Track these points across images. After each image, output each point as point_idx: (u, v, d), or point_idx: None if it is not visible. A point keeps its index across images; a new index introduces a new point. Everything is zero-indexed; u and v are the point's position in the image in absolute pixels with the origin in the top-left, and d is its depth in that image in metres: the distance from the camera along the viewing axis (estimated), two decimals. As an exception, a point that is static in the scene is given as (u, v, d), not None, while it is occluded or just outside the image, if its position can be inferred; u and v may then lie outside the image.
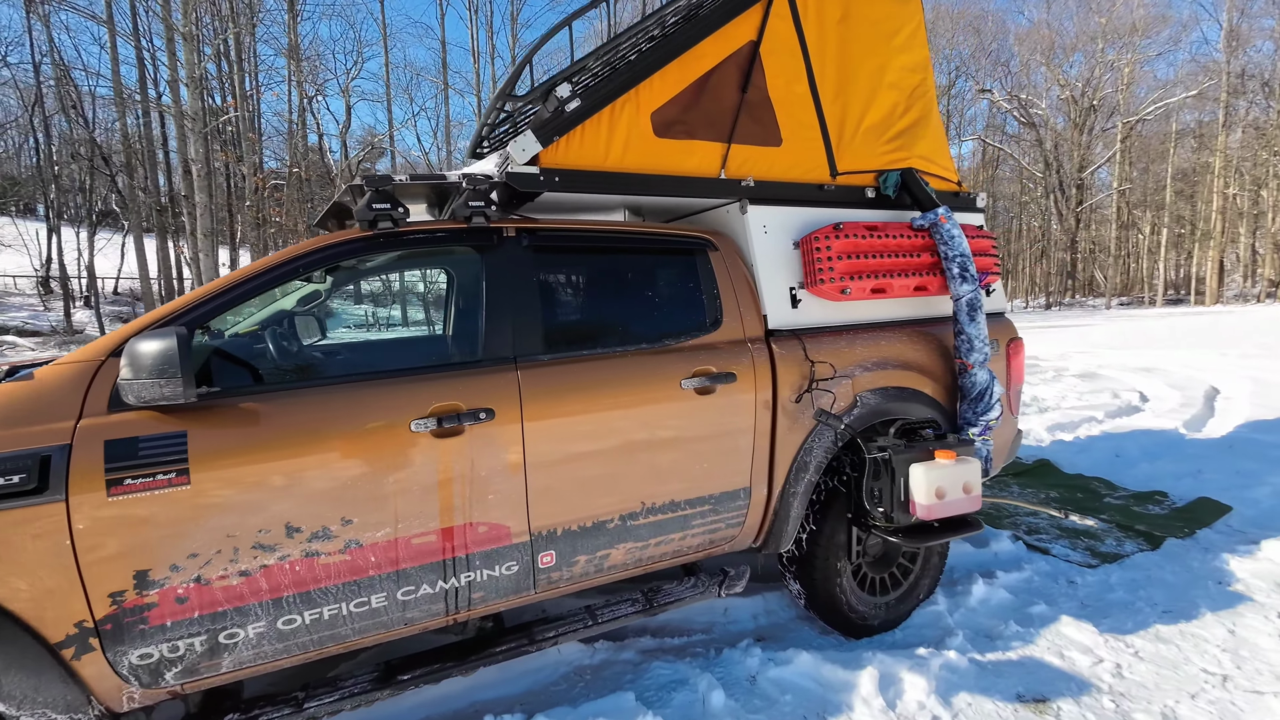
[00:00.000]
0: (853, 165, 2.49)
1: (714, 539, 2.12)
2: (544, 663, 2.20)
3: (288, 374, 1.92)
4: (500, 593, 1.79)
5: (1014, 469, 4.35)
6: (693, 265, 2.19)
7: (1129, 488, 3.93)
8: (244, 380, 1.67)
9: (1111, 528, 3.34)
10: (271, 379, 1.74)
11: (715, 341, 2.11)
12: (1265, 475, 3.91)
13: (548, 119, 1.94)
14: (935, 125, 2.69)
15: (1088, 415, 5.77)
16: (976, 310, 2.44)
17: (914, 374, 2.45)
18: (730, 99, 2.25)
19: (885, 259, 2.37)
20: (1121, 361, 9.39)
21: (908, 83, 2.59)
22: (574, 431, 1.82)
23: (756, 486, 2.15)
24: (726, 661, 2.17)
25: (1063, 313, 31.12)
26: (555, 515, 1.82)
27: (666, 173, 2.16)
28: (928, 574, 2.52)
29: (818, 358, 2.25)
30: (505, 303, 1.83)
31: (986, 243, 2.67)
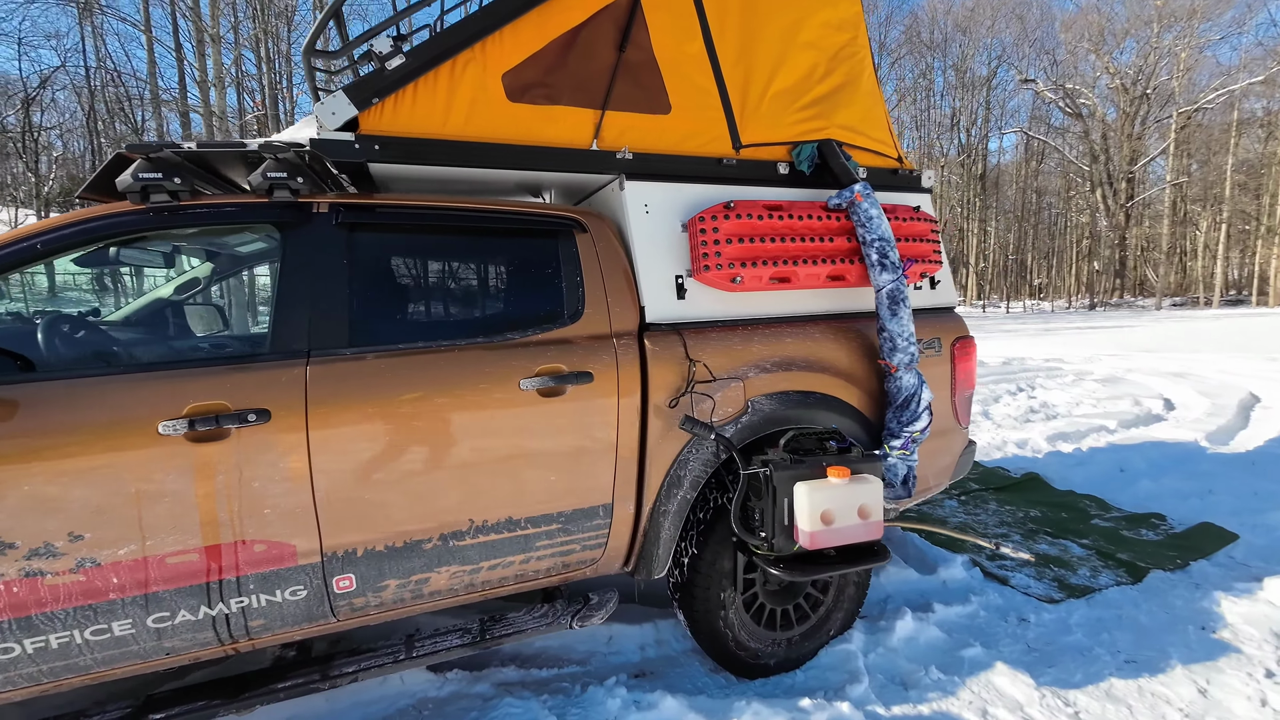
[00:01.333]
0: (760, 136, 2.17)
1: (568, 562, 1.85)
2: (384, 693, 1.97)
3: (45, 365, 1.69)
4: (288, 621, 1.56)
5: (996, 483, 3.92)
6: (553, 249, 1.92)
7: (1124, 508, 3.47)
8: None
9: (1090, 555, 2.92)
10: (24, 370, 1.52)
11: (572, 336, 1.84)
12: None
13: (364, 78, 1.69)
14: (867, 91, 2.34)
15: (1098, 424, 5.25)
16: (899, 303, 2.10)
17: (826, 377, 2.13)
18: (605, 59, 1.97)
19: (790, 243, 2.05)
20: (1153, 366, 8.66)
21: (830, 42, 2.25)
22: (376, 438, 1.57)
23: (621, 503, 1.87)
24: (588, 702, 1.90)
25: (1108, 314, 29.44)
26: (354, 534, 1.58)
27: (523, 142, 1.89)
28: (841, 607, 2.19)
29: (700, 356, 1.95)
30: (303, 288, 1.60)
31: (924, 226, 2.31)
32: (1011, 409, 6.09)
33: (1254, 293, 32.64)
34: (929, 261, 2.31)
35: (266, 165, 1.60)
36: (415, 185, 2.13)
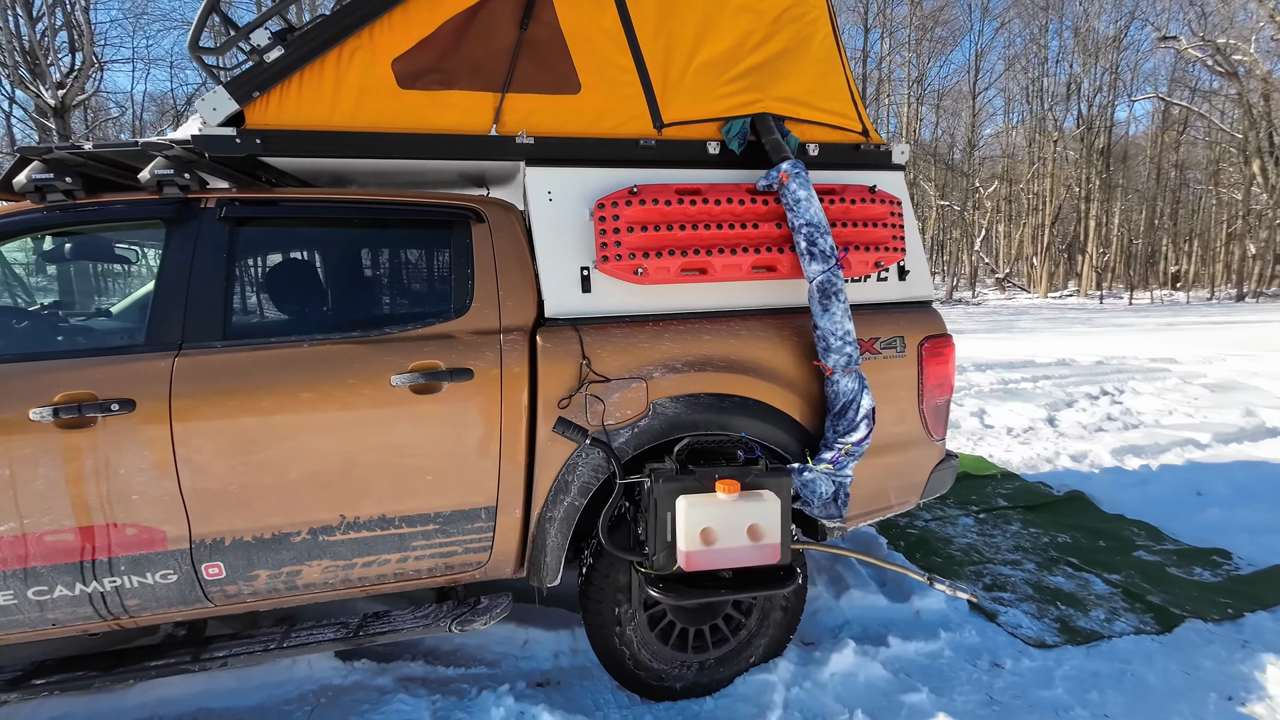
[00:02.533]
0: (684, 113, 1.97)
1: (452, 564, 1.80)
2: (292, 675, 2.02)
3: None
4: (162, 602, 1.62)
5: (1029, 500, 3.44)
6: (445, 241, 1.85)
7: (1181, 540, 2.92)
8: None
9: (1115, 594, 2.48)
10: None
11: (454, 331, 1.77)
12: None
13: (244, 73, 1.70)
14: (819, 57, 2.06)
15: (1185, 438, 4.47)
16: (831, 297, 1.84)
17: (752, 379, 1.92)
18: (505, 38, 1.86)
19: (705, 230, 1.86)
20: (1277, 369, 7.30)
21: (769, 4, 2.00)
22: (240, 432, 1.59)
23: (506, 507, 1.79)
24: (476, 708, 1.85)
25: (1260, 306, 25.29)
26: (220, 523, 1.61)
27: (417, 130, 1.83)
28: (765, 633, 1.98)
29: (600, 354, 1.81)
30: (179, 282, 1.64)
31: (881, 209, 2.02)
32: (1084, 416, 5.35)
33: None
34: (886, 249, 2.02)
35: (155, 163, 1.64)
36: (344, 179, 2.14)
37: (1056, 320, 19.20)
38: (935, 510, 3.38)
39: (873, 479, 2.12)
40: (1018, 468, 4.11)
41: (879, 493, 2.15)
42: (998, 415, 5.48)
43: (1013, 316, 20.66)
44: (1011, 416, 5.40)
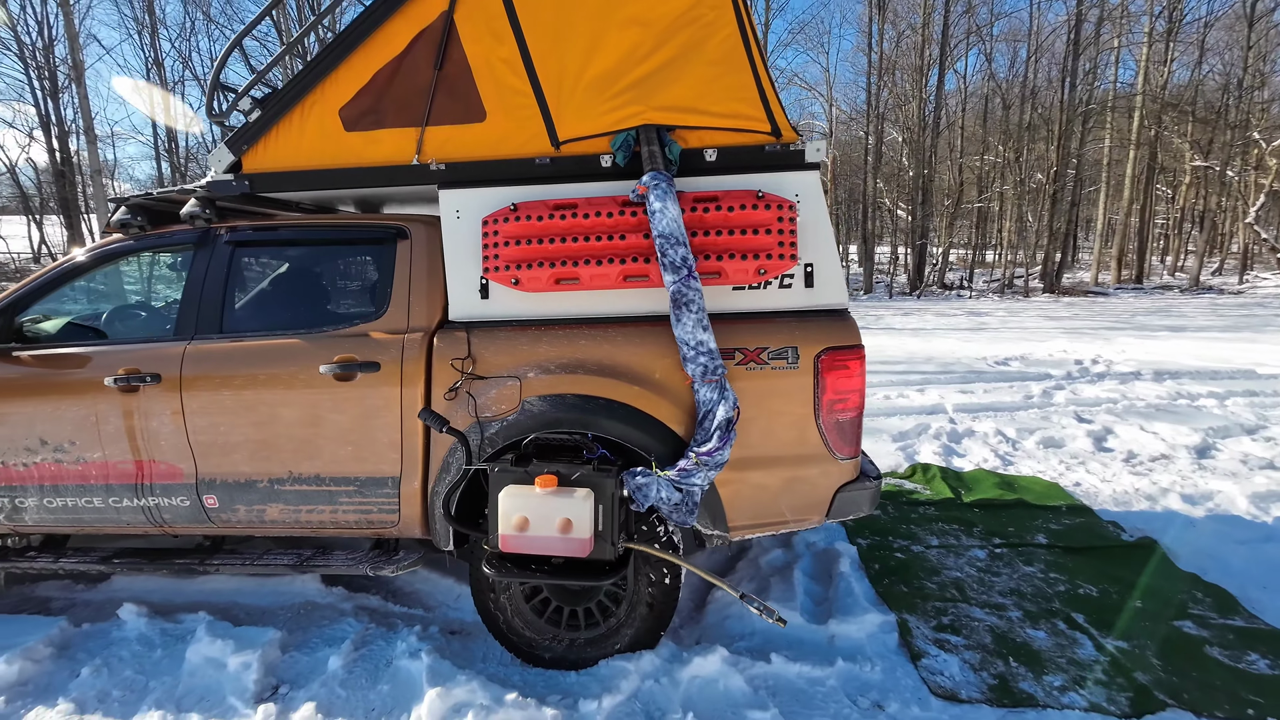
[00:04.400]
0: (576, 130, 2.10)
1: (371, 520, 2.21)
2: (293, 588, 2.64)
3: (59, 338, 2.41)
4: (182, 519, 2.28)
5: (1084, 541, 2.90)
6: (376, 255, 2.24)
7: (1261, 619, 2.28)
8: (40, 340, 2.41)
9: (1099, 662, 2.07)
10: (46, 341, 2.41)
11: (370, 331, 2.15)
12: None
13: (237, 131, 2.24)
14: (713, 59, 2.00)
15: (1394, 489, 3.29)
16: (681, 307, 1.86)
17: (620, 383, 2.01)
18: (424, 78, 2.16)
19: (576, 243, 1.99)
20: None
21: (662, 11, 2.00)
22: (219, 400, 2.16)
23: (408, 478, 2.15)
24: (393, 638, 2.26)
25: None
26: (214, 467, 2.21)
27: (357, 165, 2.23)
28: (632, 624, 2.08)
29: (484, 354, 2.07)
30: (198, 289, 2.25)
31: (766, 215, 1.94)
32: (1260, 448, 4.16)
33: None
34: (770, 256, 1.94)
35: (189, 204, 2.28)
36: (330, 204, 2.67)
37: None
38: (949, 538, 3.02)
39: (761, 492, 2.08)
40: (1105, 501, 3.42)
41: (770, 506, 2.09)
42: (1127, 436, 4.52)
43: (1277, 311, 15.87)
44: (1146, 440, 4.41)
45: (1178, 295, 23.87)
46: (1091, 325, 13.15)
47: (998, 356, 8.57)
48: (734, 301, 2.07)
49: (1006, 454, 4.24)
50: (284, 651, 2.21)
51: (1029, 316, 15.89)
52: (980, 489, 3.60)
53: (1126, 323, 13.66)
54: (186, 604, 2.51)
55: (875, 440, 4.53)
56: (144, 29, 19.60)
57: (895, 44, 28.20)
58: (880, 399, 6.01)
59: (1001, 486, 3.61)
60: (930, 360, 8.37)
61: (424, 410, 1.99)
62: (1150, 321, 13.96)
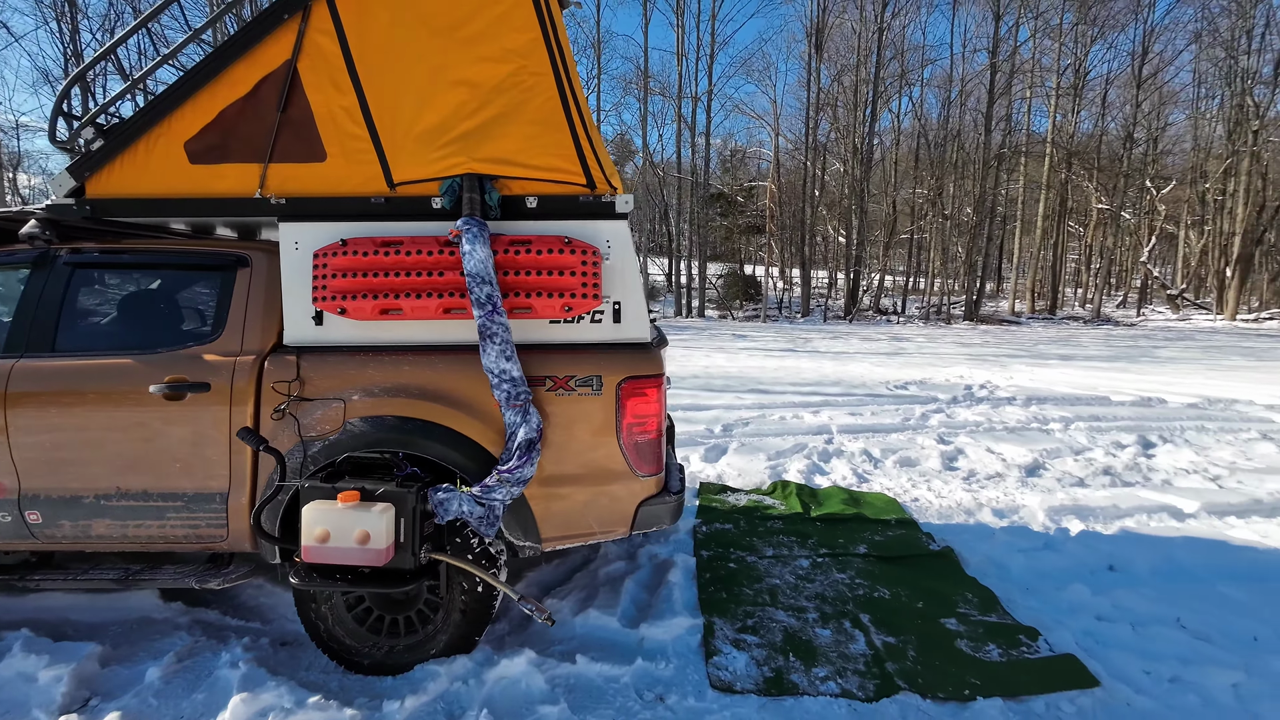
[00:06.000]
0: (410, 174, 2.30)
1: (200, 535, 2.30)
2: (127, 604, 2.66)
3: None
4: (4, 534, 2.30)
5: (897, 551, 3.24)
6: (215, 281, 2.36)
7: (1012, 615, 2.64)
8: None
9: (866, 655, 2.36)
10: None
11: (204, 353, 2.26)
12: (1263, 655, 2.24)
13: (79, 159, 2.33)
14: (535, 119, 2.26)
15: (1164, 504, 3.82)
16: (486, 340, 2.07)
17: (440, 406, 2.20)
18: (268, 119, 2.32)
19: (400, 277, 2.18)
20: None
21: (488, 76, 2.24)
22: (45, 416, 2.21)
23: (235, 493, 2.25)
24: (221, 649, 2.34)
25: None
26: (37, 483, 2.25)
27: (201, 195, 2.36)
28: (447, 630, 2.24)
29: (312, 377, 2.21)
30: (31, 308, 2.31)
31: (572, 259, 2.19)
32: (1079, 467, 4.70)
33: None
34: (575, 295, 2.18)
35: (29, 225, 2.34)
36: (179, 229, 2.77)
37: (1219, 349, 16.06)
38: (784, 549, 3.32)
39: (570, 506, 2.29)
40: (932, 515, 3.82)
41: (578, 520, 2.31)
42: (975, 456, 5.00)
43: (1161, 343, 17.56)
44: (989, 459, 4.91)
45: (1081, 326, 25.96)
46: (996, 353, 14.16)
47: (899, 381, 9.18)
48: (550, 334, 2.30)
49: (865, 472, 4.63)
50: (104, 665, 2.25)
51: (945, 343, 16.96)
52: (828, 504, 3.94)
53: (1027, 351, 14.78)
54: (12, 621, 2.50)
55: (752, 458, 4.86)
56: (62, 18, 18.64)
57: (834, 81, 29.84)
58: (776, 419, 6.39)
59: (847, 502, 3.96)
60: (838, 383, 8.89)
61: (243, 429, 2.11)
62: (1048, 350, 15.14)
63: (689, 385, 8.29)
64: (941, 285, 29.32)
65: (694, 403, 7.02)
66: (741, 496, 4.11)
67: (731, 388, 8.21)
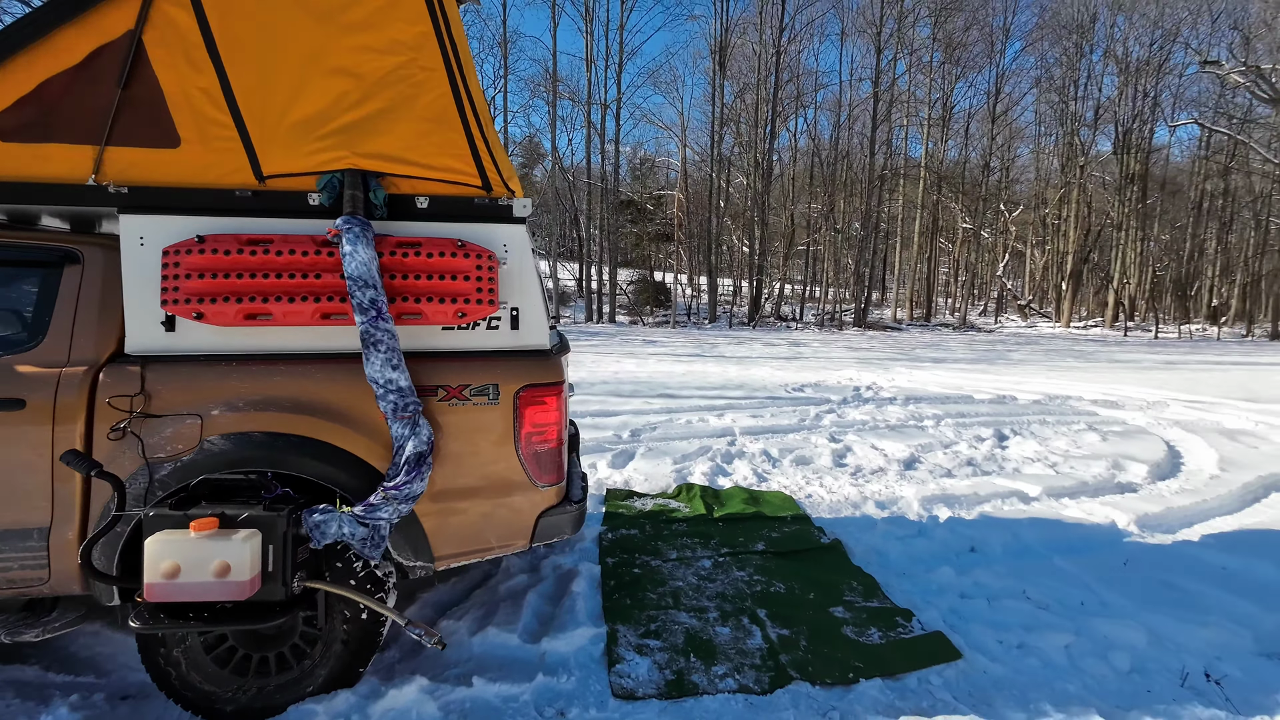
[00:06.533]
0: (282, 167, 2.11)
1: (13, 579, 1.94)
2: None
3: None
4: None
5: (793, 546, 3.41)
6: (37, 279, 2.02)
7: (891, 599, 2.86)
8: None
9: (763, 649, 2.46)
10: None
11: (20, 364, 1.93)
12: (1087, 617, 2.60)
13: None
14: (426, 115, 2.15)
15: (1014, 489, 4.33)
16: (370, 347, 1.94)
17: (315, 419, 2.02)
18: (105, 96, 2.03)
19: (268, 279, 1.98)
20: (1217, 421, 6.93)
21: (374, 67, 2.11)
22: None
23: (60, 528, 1.93)
24: (36, 713, 1.99)
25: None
26: None
27: (19, 179, 2.01)
28: (327, 663, 2.06)
29: (161, 390, 1.95)
30: None
31: (466, 263, 2.10)
32: (947, 459, 5.21)
33: None
34: (469, 301, 2.10)
35: None
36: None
37: (1057, 352, 18.49)
38: (688, 551, 3.38)
39: (466, 521, 2.19)
40: (824, 510, 4.06)
41: (475, 534, 2.21)
42: (861, 453, 5.39)
43: (1013, 347, 19.99)
44: (873, 455, 5.31)
45: (951, 332, 28.99)
46: (880, 356, 15.43)
47: (797, 384, 9.73)
48: (443, 340, 2.19)
49: (765, 471, 4.85)
50: (-127, 747, 1.84)
51: (837, 348, 18.24)
52: (730, 504, 4.07)
53: (907, 355, 16.24)
54: None
55: (659, 462, 4.92)
56: None
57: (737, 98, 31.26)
58: (682, 423, 6.53)
59: (747, 501, 4.12)
60: (742, 387, 9.26)
61: (68, 453, 1.81)
62: (924, 354, 16.72)
63: (598, 391, 8.28)
64: (834, 294, 31.59)
65: (603, 408, 7.02)
66: (648, 501, 4.15)
67: (640, 392, 8.30)
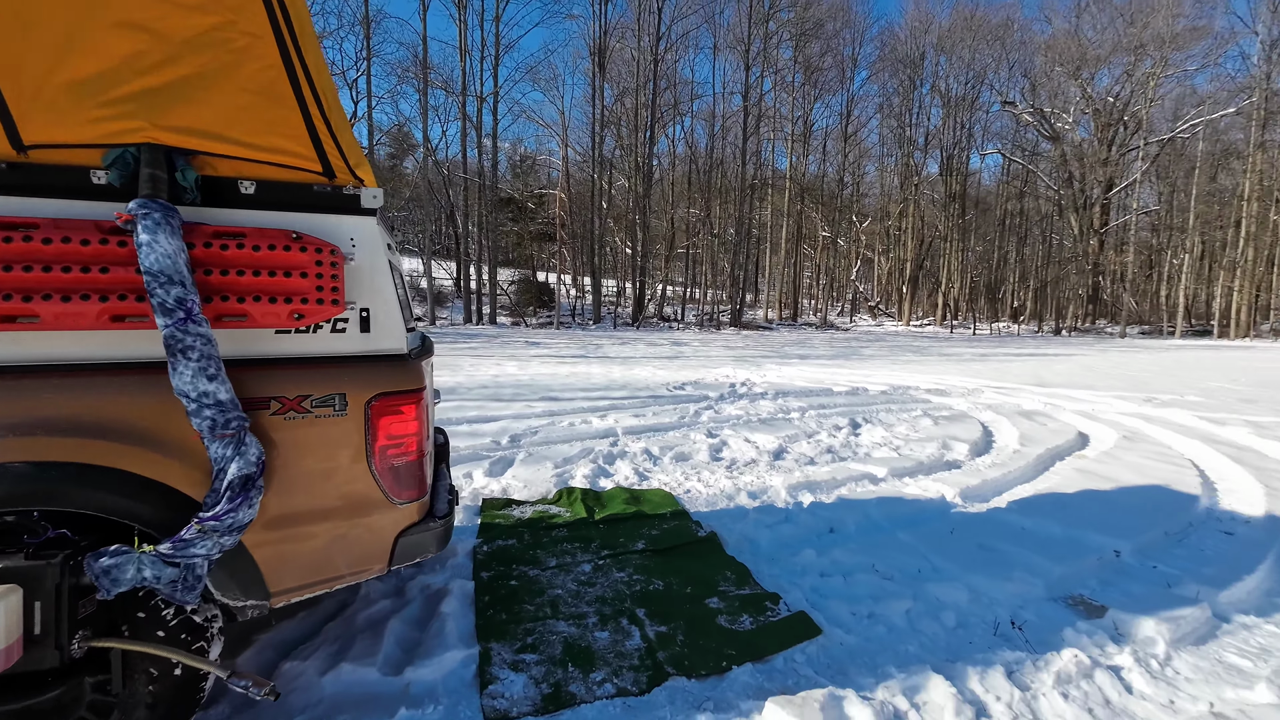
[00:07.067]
0: (53, 135, 1.72)
1: None
2: None
3: None
4: None
5: (672, 542, 3.47)
6: None
7: (761, 584, 3.02)
8: None
9: (641, 649, 2.47)
10: None
11: None
12: (922, 583, 2.95)
13: None
14: (251, 88, 1.88)
15: (865, 472, 4.80)
16: (177, 355, 1.65)
17: (103, 443, 1.67)
18: None
19: (33, 273, 1.60)
20: (1017, 403, 8.24)
21: (179, 24, 1.80)
22: None
23: None
24: None
25: (1068, 340, 29.14)
26: None
27: None
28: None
29: None
30: None
31: (303, 258, 1.86)
32: (810, 448, 5.64)
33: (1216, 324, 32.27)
34: (309, 301, 1.86)
35: None
36: None
37: (899, 348, 20.90)
38: (568, 556, 3.32)
39: (309, 549, 1.95)
40: (701, 504, 4.19)
41: (322, 562, 1.98)
42: (735, 446, 5.67)
43: (865, 344, 22.32)
44: (746, 448, 5.60)
45: (815, 331, 31.73)
46: (754, 354, 16.45)
47: (677, 382, 10.04)
48: (277, 346, 1.92)
49: (646, 470, 4.92)
50: None
51: (715, 346, 19.16)
52: (611, 505, 4.07)
53: (777, 352, 17.48)
54: None
55: (539, 468, 4.80)
56: None
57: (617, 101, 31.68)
58: (565, 426, 6.44)
59: (628, 501, 4.15)
60: (625, 387, 9.36)
61: None
62: (791, 351, 18.10)
63: (477, 396, 7.92)
64: (712, 296, 33.21)
65: (481, 414, 6.72)
66: (527, 509, 4.02)
67: (522, 396, 8.08)
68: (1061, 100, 36.89)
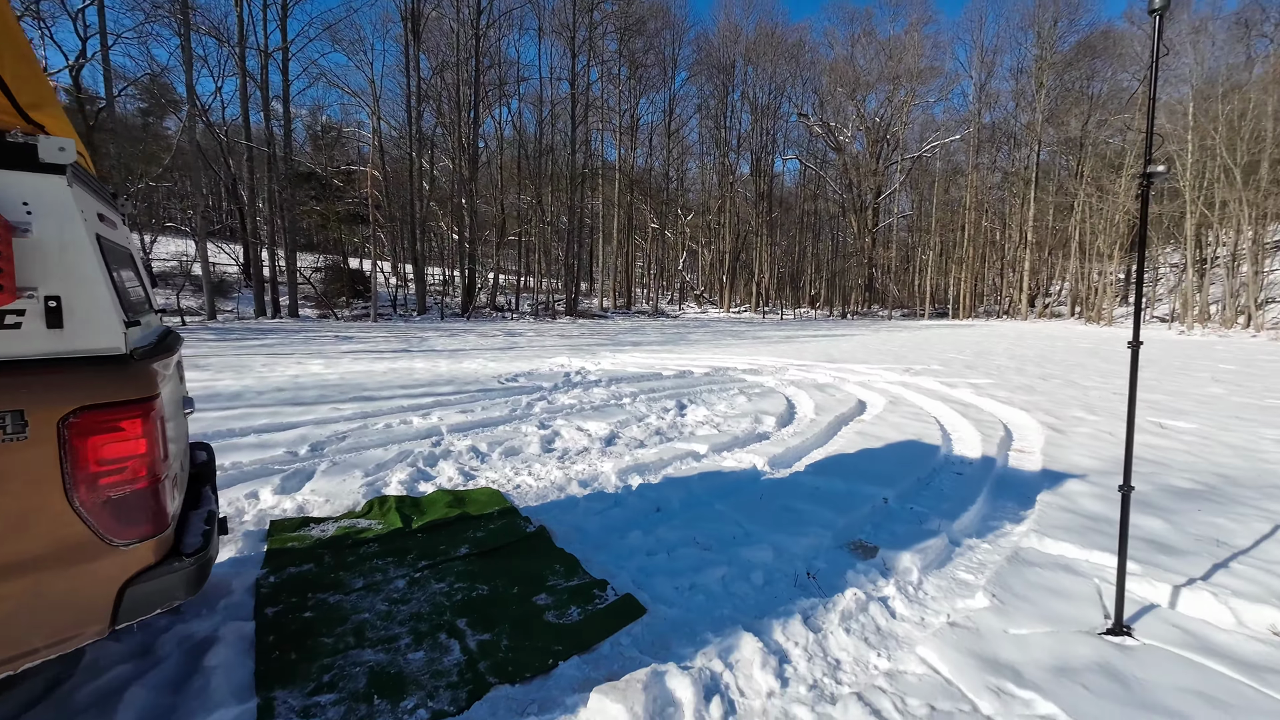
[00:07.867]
0: None
1: None
2: None
3: None
4: None
5: (498, 541, 3.29)
6: None
7: (590, 573, 3.01)
8: None
9: (460, 663, 2.29)
10: None
11: None
12: (735, 548, 3.22)
13: None
14: None
15: (689, 450, 5.09)
16: None
17: None
18: None
19: None
20: (813, 378, 9.44)
21: None
22: None
23: None
24: None
25: (852, 322, 34.38)
26: None
27: None
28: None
29: None
30: None
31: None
32: (640, 431, 5.82)
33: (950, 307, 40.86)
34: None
35: None
36: None
37: (721, 333, 22.66)
38: (378, 574, 2.97)
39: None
40: (531, 498, 4.06)
41: (2, 637, 1.48)
42: (568, 435, 5.62)
43: (692, 329, 23.87)
44: (578, 437, 5.58)
45: (647, 319, 33.10)
46: (589, 342, 16.60)
47: (510, 374, 9.70)
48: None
49: (473, 469, 4.64)
50: None
51: (550, 336, 18.97)
52: (433, 511, 3.76)
53: (611, 340, 17.85)
54: None
55: (346, 478, 4.26)
56: None
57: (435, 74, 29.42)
58: (380, 428, 5.83)
59: (451, 504, 3.87)
60: (452, 382, 8.77)
61: None
62: (625, 338, 18.62)
63: (269, 401, 6.81)
64: (547, 285, 32.84)
65: (274, 421, 5.78)
66: (329, 526, 3.53)
67: (329, 398, 7.14)
68: (843, 117, 43.14)
